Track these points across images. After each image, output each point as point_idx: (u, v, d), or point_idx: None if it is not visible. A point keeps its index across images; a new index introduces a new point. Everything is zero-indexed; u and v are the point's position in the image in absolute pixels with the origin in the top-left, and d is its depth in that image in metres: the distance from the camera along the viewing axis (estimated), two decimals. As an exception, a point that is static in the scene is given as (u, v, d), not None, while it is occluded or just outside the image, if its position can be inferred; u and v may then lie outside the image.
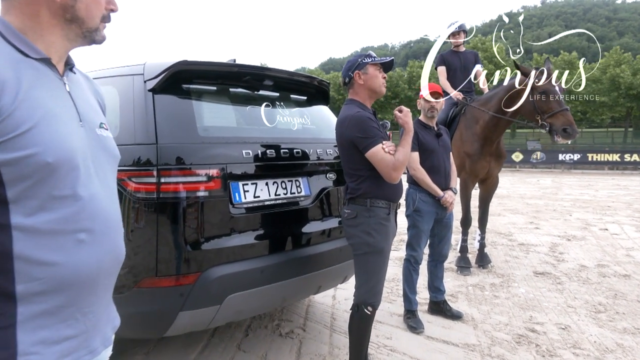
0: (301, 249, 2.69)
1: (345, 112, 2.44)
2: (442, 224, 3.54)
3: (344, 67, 2.55)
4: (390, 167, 2.31)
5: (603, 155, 22.98)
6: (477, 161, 4.76)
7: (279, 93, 2.96)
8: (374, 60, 2.48)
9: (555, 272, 4.96)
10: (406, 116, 2.49)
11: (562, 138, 4.30)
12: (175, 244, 2.22)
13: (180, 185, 2.22)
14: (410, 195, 3.48)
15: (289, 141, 2.68)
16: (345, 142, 2.40)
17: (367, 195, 2.40)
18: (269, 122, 2.63)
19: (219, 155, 2.34)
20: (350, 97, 2.53)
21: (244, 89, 2.72)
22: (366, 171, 2.40)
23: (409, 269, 3.52)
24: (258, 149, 2.48)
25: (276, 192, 2.58)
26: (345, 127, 2.38)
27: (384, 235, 2.42)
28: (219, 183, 2.31)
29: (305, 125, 2.91)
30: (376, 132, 2.35)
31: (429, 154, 3.40)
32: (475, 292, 4.32)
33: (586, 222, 8.04)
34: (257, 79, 2.73)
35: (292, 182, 2.68)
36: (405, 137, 2.43)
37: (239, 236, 2.39)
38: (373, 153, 2.32)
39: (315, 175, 2.84)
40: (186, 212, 2.23)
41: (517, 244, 6.34)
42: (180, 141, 2.27)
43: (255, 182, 2.50)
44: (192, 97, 2.44)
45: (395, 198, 2.48)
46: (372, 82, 2.47)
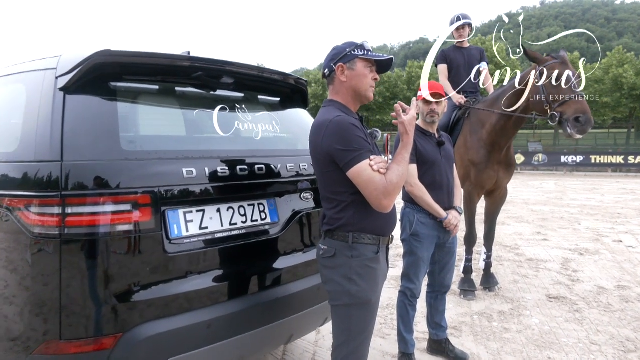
0: (266, 291, 2.12)
1: (323, 117, 1.85)
2: (445, 250, 2.96)
3: (327, 56, 1.96)
4: (380, 191, 1.72)
5: (606, 157, 22.45)
6: (483, 170, 4.17)
7: (243, 93, 2.38)
8: (366, 55, 1.88)
9: (571, 295, 4.39)
10: (409, 123, 1.87)
11: (574, 130, 3.59)
12: (86, 296, 1.64)
13: (93, 217, 1.65)
14: (406, 216, 2.90)
15: (250, 154, 2.11)
16: (322, 155, 1.81)
17: (350, 227, 1.82)
18: (223, 131, 2.05)
19: (150, 175, 1.76)
20: (330, 98, 1.95)
21: (193, 89, 2.14)
22: (348, 195, 1.82)
23: (404, 304, 2.94)
24: (206, 166, 1.91)
25: (231, 221, 2.01)
26: (322, 136, 1.78)
27: (371, 282, 1.84)
28: (148, 213, 1.74)
29: (274, 134, 2.33)
30: (362, 144, 1.76)
31: (429, 166, 2.83)
32: (482, 323, 3.74)
33: (597, 232, 7.47)
34: (212, 76, 2.16)
35: (254, 207, 2.11)
36: (402, 152, 1.83)
37: (178, 282, 1.82)
38: (357, 172, 1.73)
39: (286, 195, 2.27)
40: (102, 254, 1.66)
41: (526, 259, 5.77)
42: (95, 157, 1.69)
43: (202, 208, 1.92)
44: (118, 98, 1.86)
45: (386, 231, 1.90)
46: (357, 82, 1.88)
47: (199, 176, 1.87)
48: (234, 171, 1.98)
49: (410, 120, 1.87)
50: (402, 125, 1.87)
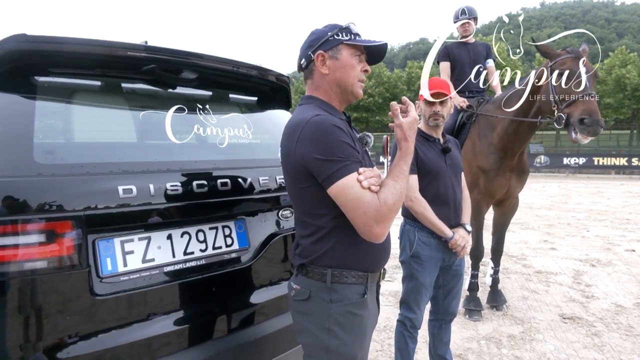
0: (236, 333, 1.72)
1: (298, 116, 1.42)
2: (450, 273, 2.56)
3: (305, 42, 1.54)
4: (370, 215, 1.29)
5: (609, 159, 22.12)
6: (493, 178, 3.75)
7: (210, 91, 1.99)
8: (353, 40, 1.47)
9: (586, 315, 3.98)
10: (408, 127, 1.46)
11: (580, 134, 3.11)
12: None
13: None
14: (406, 234, 2.50)
15: (211, 165, 1.71)
16: (295, 167, 1.39)
17: (329, 261, 1.41)
18: (177, 137, 1.65)
19: (73, 195, 1.36)
20: (308, 94, 1.54)
21: (144, 85, 1.74)
22: (329, 220, 1.40)
23: (403, 336, 2.54)
24: (151, 182, 1.51)
25: (186, 250, 1.60)
26: (296, 140, 1.36)
27: (355, 333, 1.43)
28: (70, 244, 1.34)
29: (246, 140, 1.93)
30: (348, 152, 1.34)
31: (432, 177, 2.43)
32: (490, 349, 3.34)
33: (608, 240, 7.08)
34: (168, 70, 1.76)
35: (216, 231, 1.71)
36: (400, 163, 1.42)
37: (116, 332, 1.42)
38: (342, 188, 1.31)
39: (259, 215, 1.87)
40: (3, 303, 1.25)
41: (534, 271, 5.37)
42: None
43: (146, 236, 1.52)
44: (38, 96, 1.46)
45: (376, 266, 1.49)
46: (342, 75, 1.47)
47: (141, 195, 1.47)
48: (190, 187, 1.58)
49: (410, 124, 1.46)
50: (399, 129, 1.46)
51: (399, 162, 1.42)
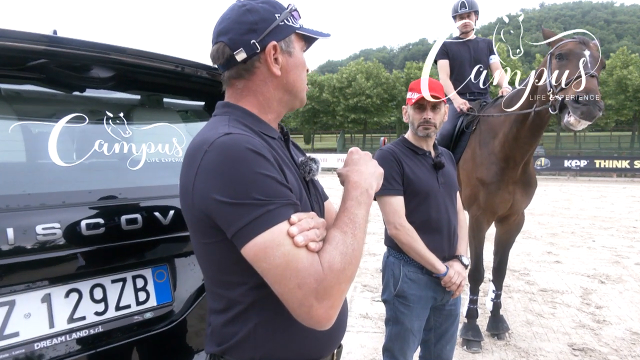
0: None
1: (202, 135, 0.96)
2: (443, 313, 2.11)
3: (230, 22, 1.02)
4: (309, 287, 0.83)
5: (611, 161, 21.70)
6: (495, 192, 3.29)
7: (133, 95, 1.54)
8: (304, 30, 1.05)
9: (599, 346, 3.54)
10: (354, 159, 1.10)
11: (573, 115, 2.63)
12: None
13: None
14: (389, 268, 2.06)
15: (117, 193, 1.26)
16: (192, 212, 0.94)
17: (250, 352, 0.96)
18: (65, 157, 1.19)
19: None
20: (227, 100, 1.08)
21: (31, 86, 1.29)
22: (246, 291, 0.94)
23: (387, 390, 2.09)
24: (15, 222, 1.06)
25: (73, 315, 1.16)
26: (196, 173, 0.90)
27: None
28: None
29: (173, 159, 1.47)
30: (273, 190, 0.88)
31: (422, 199, 1.98)
32: (492, 391, 2.90)
33: (616, 251, 6.64)
34: (69, 67, 1.31)
35: (123, 283, 1.26)
36: (352, 208, 0.96)
37: None
38: (261, 249, 0.84)
39: (189, 257, 1.42)
40: None
41: (538, 289, 4.92)
42: None
43: (7, 300, 1.07)
44: None
45: (322, 353, 1.03)
46: (295, 78, 1.05)
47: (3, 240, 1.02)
48: (76, 228, 1.13)
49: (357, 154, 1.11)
50: (342, 172, 1.08)
51: (350, 205, 0.97)
